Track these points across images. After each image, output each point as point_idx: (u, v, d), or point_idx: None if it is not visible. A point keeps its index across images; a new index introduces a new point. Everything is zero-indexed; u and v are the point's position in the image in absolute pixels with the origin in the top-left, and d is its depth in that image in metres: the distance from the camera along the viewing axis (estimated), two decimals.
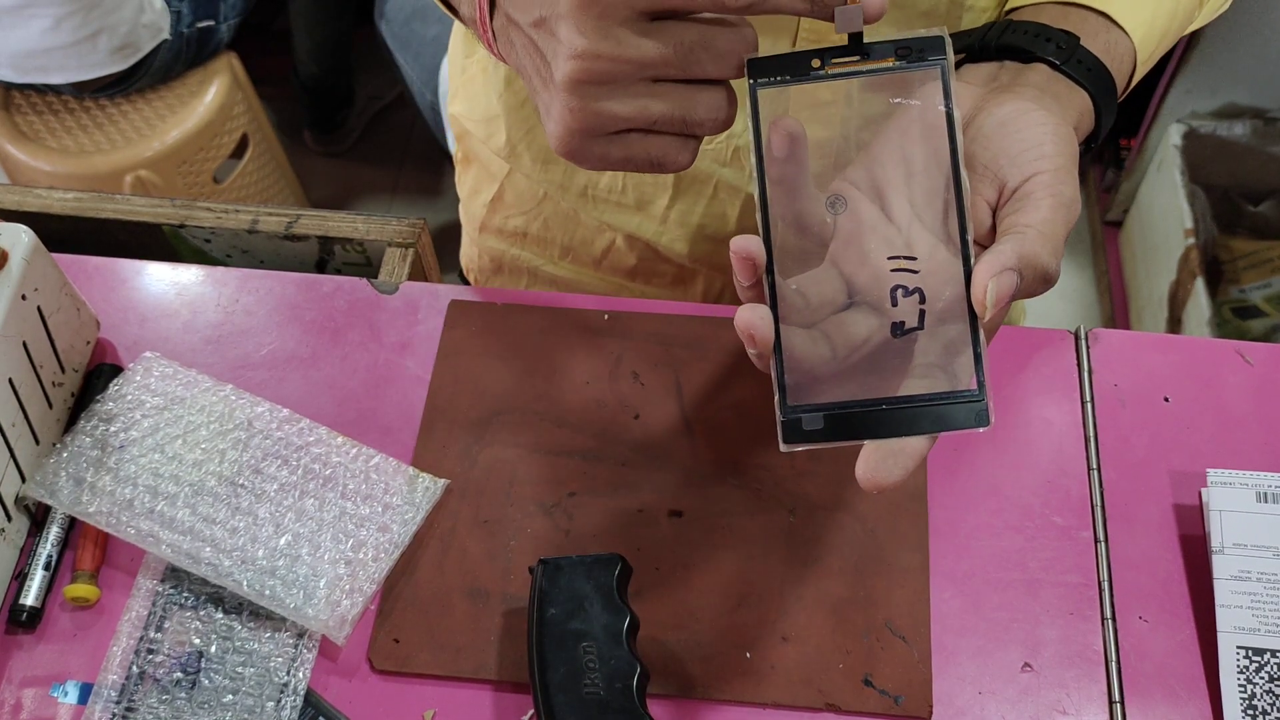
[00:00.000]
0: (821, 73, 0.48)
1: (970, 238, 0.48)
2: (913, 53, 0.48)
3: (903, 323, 0.48)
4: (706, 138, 0.75)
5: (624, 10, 0.46)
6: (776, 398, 0.47)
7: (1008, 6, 0.66)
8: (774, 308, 0.48)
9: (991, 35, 0.60)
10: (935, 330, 0.47)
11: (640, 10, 0.46)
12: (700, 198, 0.79)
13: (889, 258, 0.49)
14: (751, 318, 0.47)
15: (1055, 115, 0.53)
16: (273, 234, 0.89)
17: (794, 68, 0.49)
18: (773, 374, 0.48)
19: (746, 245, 0.47)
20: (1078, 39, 0.59)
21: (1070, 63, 0.58)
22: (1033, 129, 0.52)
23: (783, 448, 0.47)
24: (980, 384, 0.47)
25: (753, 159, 0.49)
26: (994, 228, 0.51)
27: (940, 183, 0.49)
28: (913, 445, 0.47)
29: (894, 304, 0.48)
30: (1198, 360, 0.78)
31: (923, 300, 0.48)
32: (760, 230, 0.48)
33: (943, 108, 0.48)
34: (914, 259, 0.48)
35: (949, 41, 0.48)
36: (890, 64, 0.48)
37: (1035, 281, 0.48)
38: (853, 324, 0.49)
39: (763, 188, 0.48)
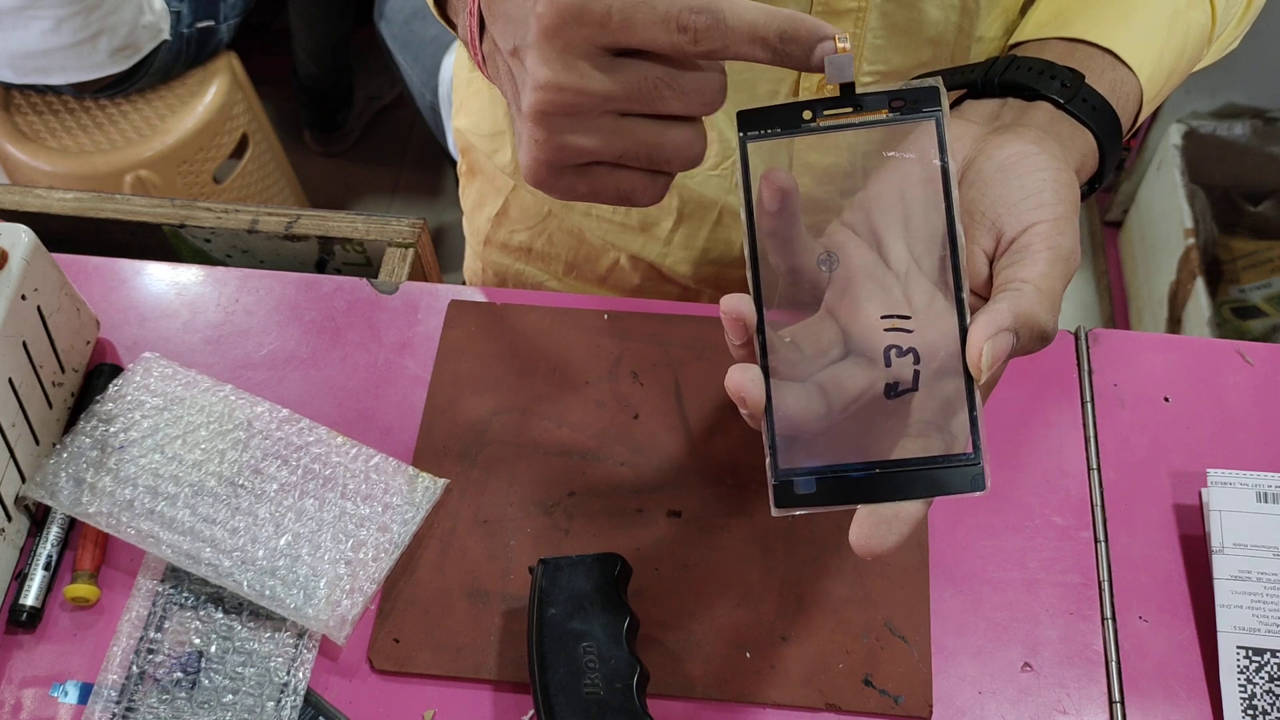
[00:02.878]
0: (813, 125, 0.47)
1: (966, 295, 0.47)
2: (907, 104, 0.47)
3: (896, 383, 0.47)
4: (713, 165, 0.75)
5: (586, 44, 0.45)
6: (768, 461, 0.46)
7: (1011, 40, 0.65)
8: (765, 365, 0.47)
9: (995, 71, 0.59)
10: (931, 388, 0.46)
11: (603, 45, 0.45)
12: (704, 223, 0.79)
13: (882, 316, 0.48)
14: (742, 380, 0.46)
15: (1057, 159, 0.52)
16: (273, 234, 0.89)
17: (785, 120, 0.48)
18: (764, 436, 0.47)
19: (737, 306, 0.47)
20: (1083, 77, 0.58)
21: (1074, 101, 0.57)
22: (1033, 175, 0.51)
23: (775, 512, 0.46)
24: (976, 447, 0.46)
25: (743, 213, 0.48)
26: (991, 278, 0.50)
27: (939, 230, 0.48)
28: (908, 510, 0.46)
29: (888, 364, 0.47)
30: (1198, 360, 0.78)
31: (917, 360, 0.47)
32: (750, 286, 0.47)
33: (938, 162, 0.47)
34: (908, 318, 0.47)
35: (944, 93, 0.48)
36: (884, 115, 0.47)
37: (1032, 340, 0.47)
38: (848, 377, 0.48)
39: (753, 242, 0.47)
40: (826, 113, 0.47)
